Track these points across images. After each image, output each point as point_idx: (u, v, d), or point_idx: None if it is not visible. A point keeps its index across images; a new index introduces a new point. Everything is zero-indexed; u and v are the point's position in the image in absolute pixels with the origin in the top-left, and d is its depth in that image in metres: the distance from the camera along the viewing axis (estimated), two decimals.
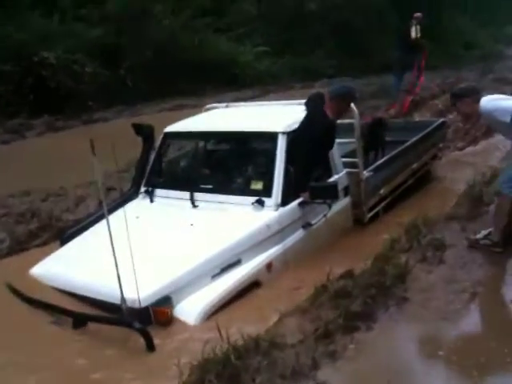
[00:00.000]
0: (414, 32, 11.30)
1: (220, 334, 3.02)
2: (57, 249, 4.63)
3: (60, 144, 8.77)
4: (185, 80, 14.64)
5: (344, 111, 5.08)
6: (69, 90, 10.76)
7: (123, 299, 3.43)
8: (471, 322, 3.47)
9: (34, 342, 3.47)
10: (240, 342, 3.05)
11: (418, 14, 11.43)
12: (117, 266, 3.40)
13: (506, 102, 4.09)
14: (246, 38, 18.08)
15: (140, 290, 3.53)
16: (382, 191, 5.79)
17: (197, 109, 6.36)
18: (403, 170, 6.33)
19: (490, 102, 4.17)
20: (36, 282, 4.15)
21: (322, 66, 18.36)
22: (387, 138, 7.22)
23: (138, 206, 5.10)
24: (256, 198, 4.56)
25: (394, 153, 6.16)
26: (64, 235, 4.75)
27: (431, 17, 23.01)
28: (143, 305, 3.58)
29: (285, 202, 4.59)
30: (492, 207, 4.90)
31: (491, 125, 4.67)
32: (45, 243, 5.14)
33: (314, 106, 5.03)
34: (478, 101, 4.21)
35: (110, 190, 5.91)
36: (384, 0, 21.39)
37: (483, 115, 4.26)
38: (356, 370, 2.92)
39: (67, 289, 4.00)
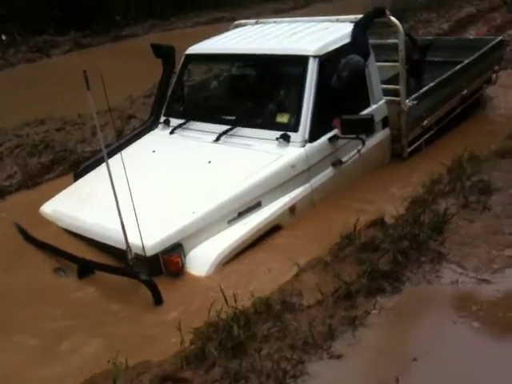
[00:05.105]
0: None
1: (225, 298, 2.73)
2: (70, 183, 4.39)
3: (86, 63, 8.35)
4: None
5: None
6: (96, 3, 10.12)
7: (128, 247, 3.17)
8: None
9: (33, 291, 3.31)
10: (249, 303, 2.77)
11: None
12: (119, 210, 3.13)
13: None
14: None
15: (149, 237, 3.27)
16: (425, 122, 5.21)
17: (233, 22, 5.81)
18: (452, 97, 5.66)
19: None
20: (45, 221, 3.96)
21: None
22: (437, 59, 6.50)
23: (156, 138, 4.76)
24: (281, 132, 4.12)
25: (443, 77, 5.48)
26: (78, 169, 4.50)
27: None
28: (152, 252, 3.33)
29: (313, 136, 4.13)
30: None
31: None
32: (58, 177, 4.93)
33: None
34: None
35: (130, 117, 5.56)
36: None
37: None
38: (377, 341, 2.59)
39: (75, 230, 3.79)
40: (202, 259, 3.44)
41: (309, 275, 3.12)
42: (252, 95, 4.71)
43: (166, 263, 3.38)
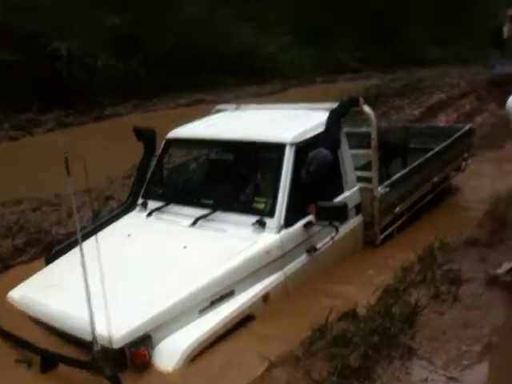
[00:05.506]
0: (507, 32, 10.72)
1: None
2: (42, 267, 4.32)
3: (68, 142, 8.49)
4: (205, 72, 14.27)
5: None
6: (81, 83, 10.41)
7: (94, 339, 3.08)
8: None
9: None
10: None
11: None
12: (89, 300, 3.05)
13: None
14: (273, 26, 17.45)
15: (116, 328, 3.18)
16: (397, 209, 5.33)
17: (214, 105, 6.01)
18: (423, 185, 5.83)
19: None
20: (12, 308, 3.85)
21: (346, 58, 17.74)
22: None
23: (133, 221, 4.77)
24: (257, 217, 4.17)
25: (414, 164, 5.67)
26: (49, 253, 4.45)
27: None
28: (118, 345, 3.21)
29: (289, 222, 4.18)
30: None
31: None
32: (31, 260, 4.85)
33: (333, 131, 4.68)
34: None
35: (108, 199, 5.57)
36: None
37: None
38: None
39: (41, 318, 3.68)
40: (169, 352, 3.33)
41: (279, 371, 3.07)
42: (230, 180, 4.80)
43: (132, 356, 3.26)
